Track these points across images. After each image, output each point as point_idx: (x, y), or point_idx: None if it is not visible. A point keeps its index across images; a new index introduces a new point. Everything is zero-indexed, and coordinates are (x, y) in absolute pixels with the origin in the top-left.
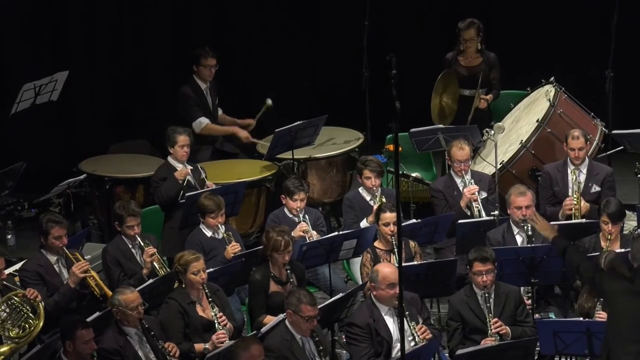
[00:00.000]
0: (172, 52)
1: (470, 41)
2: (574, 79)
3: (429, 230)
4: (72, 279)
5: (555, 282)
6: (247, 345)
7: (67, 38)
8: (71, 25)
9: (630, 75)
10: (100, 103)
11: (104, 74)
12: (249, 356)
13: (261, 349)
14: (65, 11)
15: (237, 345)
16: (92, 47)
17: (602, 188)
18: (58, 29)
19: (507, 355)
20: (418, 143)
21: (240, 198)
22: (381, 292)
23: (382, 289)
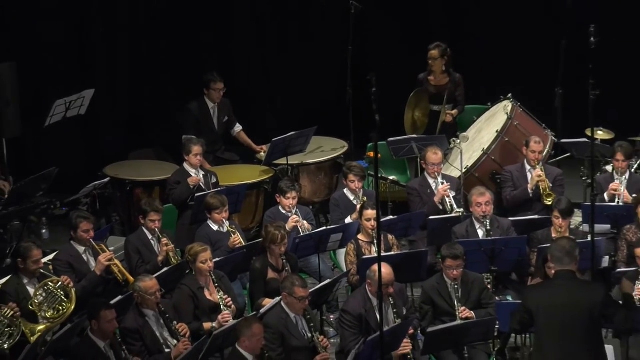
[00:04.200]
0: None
1: (434, 60)
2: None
3: (404, 225)
4: (99, 267)
5: (512, 269)
6: (250, 324)
7: (93, 61)
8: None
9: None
10: (121, 116)
11: (123, 91)
12: (251, 334)
13: (261, 327)
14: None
15: (240, 324)
16: (113, 68)
17: (553, 186)
18: (84, 54)
19: (471, 332)
20: (394, 151)
21: (242, 198)
22: (375, 289)
23: (376, 287)
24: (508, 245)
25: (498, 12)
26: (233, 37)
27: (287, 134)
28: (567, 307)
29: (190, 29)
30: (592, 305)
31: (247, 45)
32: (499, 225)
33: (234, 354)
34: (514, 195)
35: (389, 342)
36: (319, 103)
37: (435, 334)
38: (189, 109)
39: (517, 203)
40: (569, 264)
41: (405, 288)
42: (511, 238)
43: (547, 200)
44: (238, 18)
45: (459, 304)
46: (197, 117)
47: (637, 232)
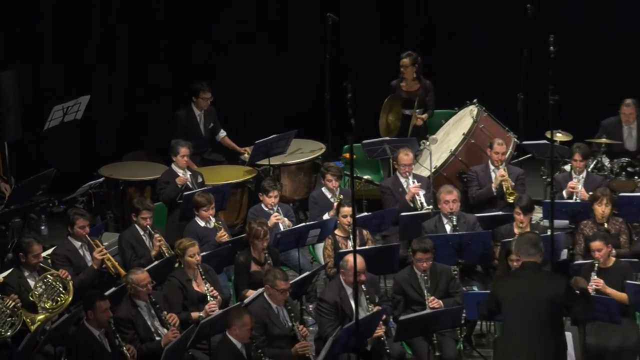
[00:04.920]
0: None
1: (405, 67)
2: (492, 100)
3: (378, 221)
4: (95, 261)
5: (477, 262)
6: (241, 314)
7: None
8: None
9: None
10: (115, 120)
11: (118, 97)
12: (242, 323)
13: (251, 318)
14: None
15: (232, 314)
16: (108, 76)
17: (515, 184)
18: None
19: (440, 320)
20: (369, 152)
21: (227, 196)
22: (348, 277)
23: (349, 276)
24: (474, 239)
25: (465, 24)
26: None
27: (269, 137)
28: (531, 295)
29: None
30: (555, 294)
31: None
32: (465, 221)
33: (224, 341)
34: (479, 194)
35: (364, 330)
36: (299, 108)
37: (407, 321)
38: (178, 116)
39: (481, 201)
40: (534, 255)
41: (377, 278)
42: (476, 233)
43: (510, 198)
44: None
45: (428, 294)
46: (185, 124)
47: (593, 227)
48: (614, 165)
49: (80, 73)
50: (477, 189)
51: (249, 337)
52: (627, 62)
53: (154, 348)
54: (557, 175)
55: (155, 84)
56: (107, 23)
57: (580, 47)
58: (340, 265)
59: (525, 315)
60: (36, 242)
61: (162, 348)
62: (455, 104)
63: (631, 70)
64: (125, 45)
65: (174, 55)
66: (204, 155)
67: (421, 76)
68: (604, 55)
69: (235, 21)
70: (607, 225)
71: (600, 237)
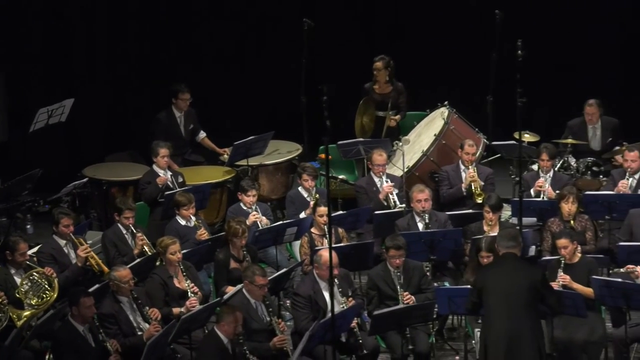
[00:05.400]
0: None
1: (378, 70)
2: (463, 102)
3: (353, 219)
4: (79, 259)
5: (449, 258)
6: (232, 311)
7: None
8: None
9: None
10: (98, 122)
11: (101, 100)
12: (231, 320)
13: (241, 315)
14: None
15: (223, 311)
16: (92, 80)
17: (485, 184)
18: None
19: (412, 315)
20: (344, 152)
21: (207, 195)
22: (322, 272)
23: (322, 270)
24: (445, 236)
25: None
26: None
27: (248, 138)
28: (510, 283)
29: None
30: (533, 282)
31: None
32: (437, 219)
33: (212, 335)
34: (450, 193)
35: (339, 324)
36: (276, 110)
37: (381, 316)
38: (159, 119)
39: (452, 200)
40: (513, 247)
41: (350, 273)
42: (448, 230)
43: (478, 198)
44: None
45: (401, 289)
46: (166, 126)
47: (560, 225)
48: (580, 164)
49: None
50: (448, 189)
51: (235, 334)
52: (591, 65)
53: (137, 342)
54: (525, 174)
55: (137, 88)
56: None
57: (546, 51)
58: (314, 260)
59: (505, 302)
60: (22, 240)
61: (145, 342)
62: (427, 106)
63: (595, 73)
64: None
65: (155, 59)
66: (184, 156)
67: (394, 79)
68: (568, 59)
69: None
70: (573, 223)
71: (565, 235)
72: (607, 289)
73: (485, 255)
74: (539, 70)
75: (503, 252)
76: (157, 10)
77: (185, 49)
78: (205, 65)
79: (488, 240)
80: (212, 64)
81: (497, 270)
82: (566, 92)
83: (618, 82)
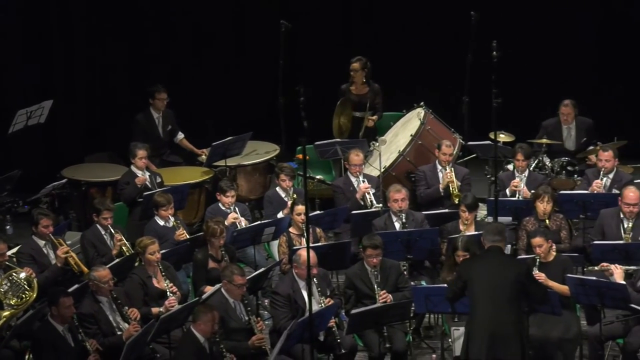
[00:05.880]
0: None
1: (355, 71)
2: (439, 103)
3: (330, 219)
4: (58, 259)
5: (425, 257)
6: (208, 310)
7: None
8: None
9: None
10: (77, 124)
11: (80, 101)
12: (207, 319)
13: (217, 314)
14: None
15: (199, 310)
16: (71, 81)
17: (461, 184)
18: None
19: (389, 313)
20: (321, 153)
21: (185, 196)
22: (301, 271)
23: (302, 269)
24: (422, 236)
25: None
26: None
27: (226, 139)
28: (496, 276)
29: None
30: (517, 276)
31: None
32: (413, 219)
33: (189, 334)
34: (427, 193)
35: (317, 323)
36: (254, 111)
37: (358, 315)
38: (137, 120)
39: (429, 200)
40: (498, 241)
41: (328, 272)
42: (424, 230)
43: (456, 199)
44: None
45: (378, 288)
46: (144, 127)
47: (535, 224)
48: (555, 164)
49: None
50: (425, 189)
51: (212, 333)
52: (565, 65)
53: (116, 342)
54: (501, 174)
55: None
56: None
57: (521, 52)
58: (293, 259)
59: (491, 294)
60: (1, 241)
61: (124, 342)
62: (403, 107)
63: (569, 73)
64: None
65: (134, 60)
66: (163, 157)
67: (370, 80)
68: (543, 59)
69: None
70: (548, 222)
71: (540, 234)
72: (582, 287)
73: (461, 254)
74: (514, 71)
75: (489, 245)
76: (136, 11)
77: (163, 50)
78: (183, 66)
79: (464, 240)
80: (190, 65)
81: (482, 263)
82: (541, 92)
83: (592, 83)
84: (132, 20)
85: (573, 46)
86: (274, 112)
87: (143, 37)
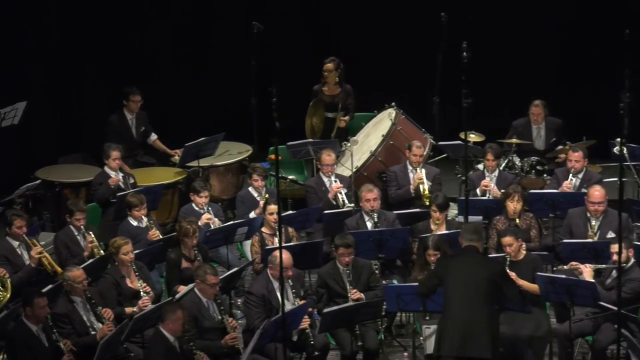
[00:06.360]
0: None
1: (329, 72)
2: (410, 103)
3: (302, 218)
4: (32, 260)
5: (397, 256)
6: (174, 309)
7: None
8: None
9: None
10: (51, 125)
11: (54, 103)
12: (175, 318)
13: (184, 312)
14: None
15: (166, 309)
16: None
17: (432, 183)
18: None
19: (362, 312)
20: (293, 153)
21: (158, 196)
22: (275, 272)
23: (276, 270)
24: (393, 235)
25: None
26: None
27: (199, 140)
28: (471, 274)
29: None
30: (492, 275)
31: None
32: (385, 218)
33: (158, 334)
34: (399, 194)
35: (290, 322)
36: (227, 112)
37: (331, 314)
38: (111, 121)
39: (400, 201)
40: (475, 241)
41: (302, 273)
42: (396, 229)
43: (427, 201)
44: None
45: (350, 287)
46: (118, 128)
47: (506, 223)
48: (524, 163)
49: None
50: (396, 189)
51: (181, 331)
52: (535, 66)
53: (90, 341)
54: (471, 174)
55: (90, 90)
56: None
57: (491, 52)
58: (269, 260)
59: (465, 291)
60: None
61: (98, 341)
62: (375, 107)
63: (538, 74)
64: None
65: (107, 60)
66: (136, 158)
67: (342, 81)
68: (513, 60)
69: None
70: (518, 221)
71: (510, 233)
72: (552, 286)
73: (432, 253)
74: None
75: (465, 244)
76: (109, 12)
77: (136, 51)
78: (156, 67)
79: (435, 239)
80: (163, 67)
81: (458, 261)
82: (511, 92)
83: (561, 83)
84: (105, 21)
85: (542, 47)
86: (247, 113)
87: (116, 39)
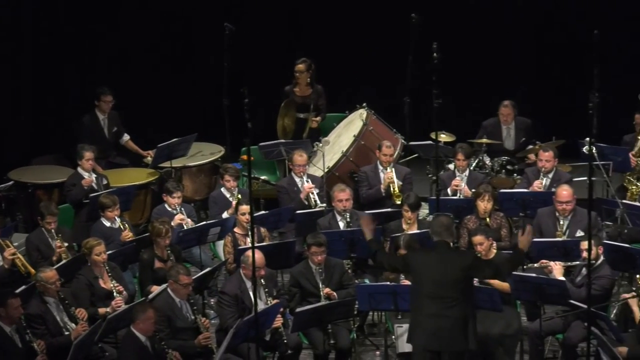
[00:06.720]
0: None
1: (300, 73)
2: (381, 104)
3: (275, 218)
4: (5, 261)
5: (369, 256)
6: (144, 309)
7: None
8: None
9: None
10: (24, 126)
11: (27, 104)
12: (145, 317)
13: (154, 312)
14: None
15: (136, 309)
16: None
17: (403, 183)
18: None
19: (334, 311)
20: (265, 154)
21: (131, 197)
22: (249, 272)
23: (249, 270)
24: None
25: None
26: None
27: (171, 141)
28: (442, 268)
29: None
30: (463, 267)
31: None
32: (357, 218)
33: (129, 335)
34: (369, 194)
35: (262, 321)
36: (199, 113)
37: (303, 313)
38: (83, 122)
39: (371, 200)
40: (447, 237)
41: (275, 273)
42: None
43: (397, 200)
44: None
45: (322, 286)
46: (90, 128)
47: (476, 222)
48: (495, 163)
49: None
50: (367, 189)
51: (152, 331)
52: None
53: (64, 342)
54: (442, 173)
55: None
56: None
57: (461, 53)
58: (242, 260)
59: (436, 286)
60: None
61: (72, 342)
62: (346, 108)
63: (508, 74)
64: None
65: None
66: (109, 159)
67: (314, 81)
68: (482, 61)
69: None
70: (488, 220)
71: (480, 232)
72: (522, 284)
73: (403, 252)
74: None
75: (436, 239)
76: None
77: (110, 52)
78: (128, 68)
79: (406, 238)
80: (135, 67)
81: (429, 255)
82: (481, 93)
83: (530, 84)
84: (79, 22)
85: (512, 47)
86: (219, 114)
87: (89, 40)
